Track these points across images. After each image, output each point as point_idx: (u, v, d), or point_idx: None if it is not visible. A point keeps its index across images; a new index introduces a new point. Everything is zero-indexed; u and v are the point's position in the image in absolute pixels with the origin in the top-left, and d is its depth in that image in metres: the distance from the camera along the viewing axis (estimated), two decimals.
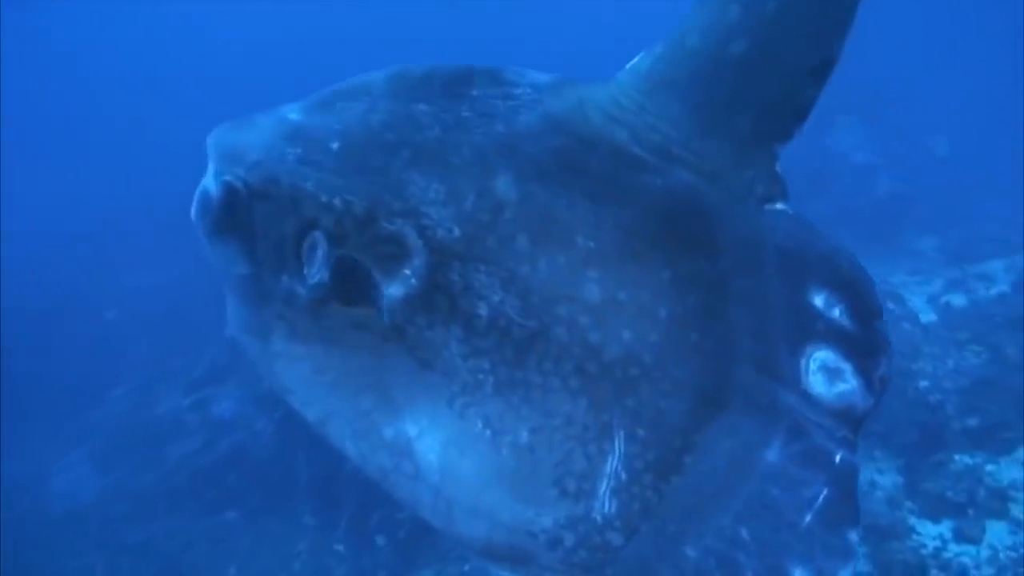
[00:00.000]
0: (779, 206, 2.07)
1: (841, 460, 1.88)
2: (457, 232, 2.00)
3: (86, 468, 11.41)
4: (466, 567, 8.66)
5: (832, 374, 1.94)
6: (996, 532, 6.92)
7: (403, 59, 2.30)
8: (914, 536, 7.24)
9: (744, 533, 1.82)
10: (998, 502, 7.11)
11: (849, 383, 1.93)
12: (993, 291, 11.04)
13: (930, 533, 7.24)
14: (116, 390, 13.36)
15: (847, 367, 1.94)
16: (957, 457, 7.63)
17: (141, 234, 18.09)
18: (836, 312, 1.98)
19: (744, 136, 2.05)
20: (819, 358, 1.95)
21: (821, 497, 1.84)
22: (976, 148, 17.00)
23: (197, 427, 11.38)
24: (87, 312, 15.76)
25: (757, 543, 1.81)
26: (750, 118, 2.05)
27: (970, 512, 7.12)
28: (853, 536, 1.81)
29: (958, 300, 11.21)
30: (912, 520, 7.42)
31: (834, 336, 1.96)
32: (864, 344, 1.97)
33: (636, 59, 2.18)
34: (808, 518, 1.82)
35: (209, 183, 2.23)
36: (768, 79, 2.03)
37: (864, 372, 1.94)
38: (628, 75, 2.16)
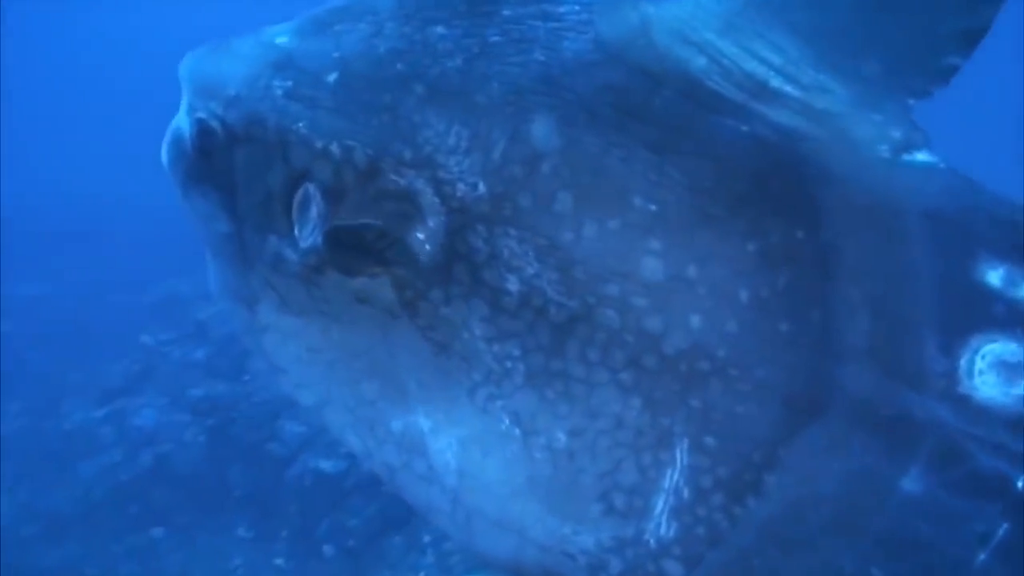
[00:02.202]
0: (922, 157, 1.64)
1: None
2: (482, 188, 1.65)
3: None
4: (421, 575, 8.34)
5: (1013, 371, 1.51)
6: None
7: None
8: None
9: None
10: None
11: None
12: None
13: None
14: (12, 406, 12.45)
15: None
16: None
17: (26, 241, 17.12)
18: None
19: (871, 80, 1.67)
20: (993, 352, 1.52)
21: (1000, 532, 1.46)
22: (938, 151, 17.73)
23: (114, 440, 10.72)
24: None
25: None
26: (880, 63, 1.67)
27: None
28: None
29: None
30: None
31: (1021, 322, 1.53)
32: None
33: None
34: (982, 557, 1.46)
35: (182, 121, 1.88)
36: (905, 30, 1.68)
37: None
38: None
